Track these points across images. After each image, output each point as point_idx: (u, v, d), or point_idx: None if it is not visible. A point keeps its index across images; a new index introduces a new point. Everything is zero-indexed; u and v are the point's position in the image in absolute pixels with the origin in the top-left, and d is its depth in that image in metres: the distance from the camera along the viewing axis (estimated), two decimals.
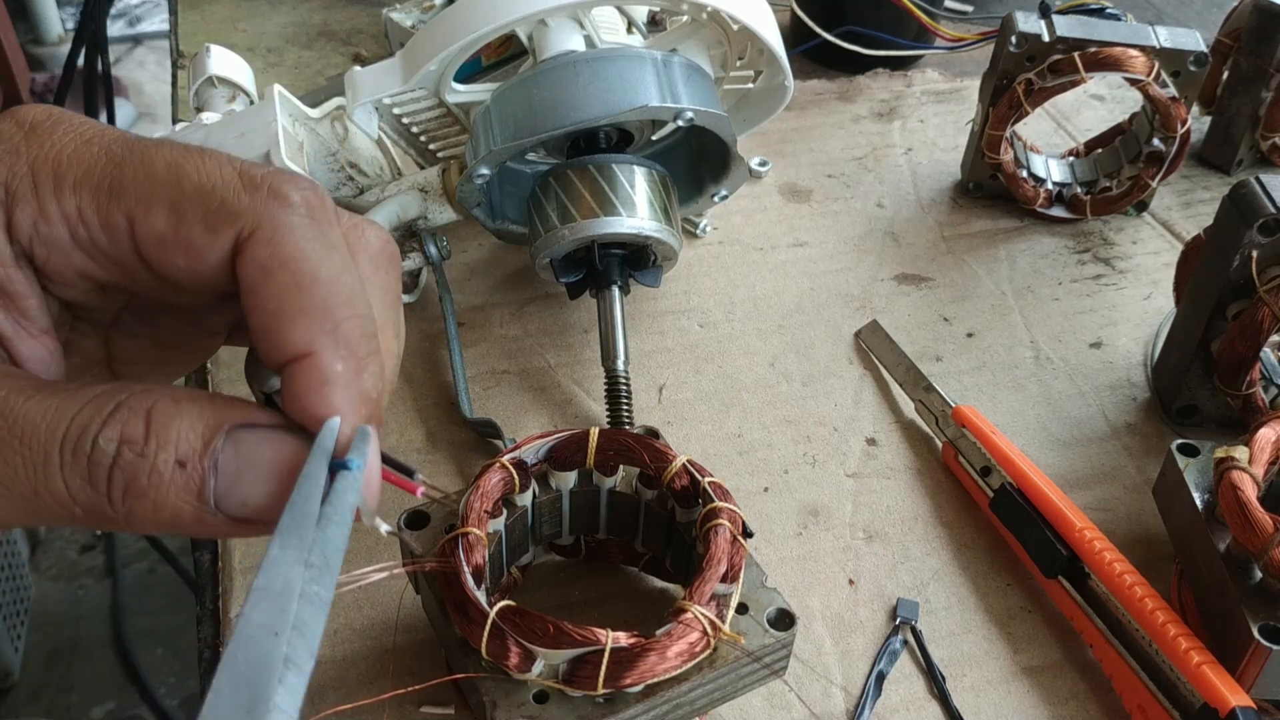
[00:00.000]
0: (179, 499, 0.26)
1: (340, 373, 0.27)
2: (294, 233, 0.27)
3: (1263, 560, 0.41)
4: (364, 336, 0.27)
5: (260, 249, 0.27)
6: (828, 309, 0.62)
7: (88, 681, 1.39)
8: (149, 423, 0.26)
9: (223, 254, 0.27)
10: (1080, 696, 0.45)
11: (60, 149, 0.28)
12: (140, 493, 0.25)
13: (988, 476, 0.50)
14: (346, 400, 0.27)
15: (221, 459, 0.26)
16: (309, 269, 0.27)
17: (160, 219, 0.27)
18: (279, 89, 0.53)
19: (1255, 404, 0.53)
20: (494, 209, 0.58)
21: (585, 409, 0.55)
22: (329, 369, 0.26)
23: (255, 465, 0.26)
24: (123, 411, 0.26)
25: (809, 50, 0.80)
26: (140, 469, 0.25)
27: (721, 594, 0.38)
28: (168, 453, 0.25)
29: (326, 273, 0.27)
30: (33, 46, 2.34)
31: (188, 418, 0.26)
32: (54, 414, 0.25)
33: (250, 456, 0.26)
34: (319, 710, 0.42)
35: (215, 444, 0.26)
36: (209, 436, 0.26)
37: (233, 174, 0.28)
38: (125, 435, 0.25)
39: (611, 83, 0.51)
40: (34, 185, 0.27)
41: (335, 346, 0.27)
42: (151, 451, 0.25)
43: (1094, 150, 0.70)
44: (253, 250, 0.27)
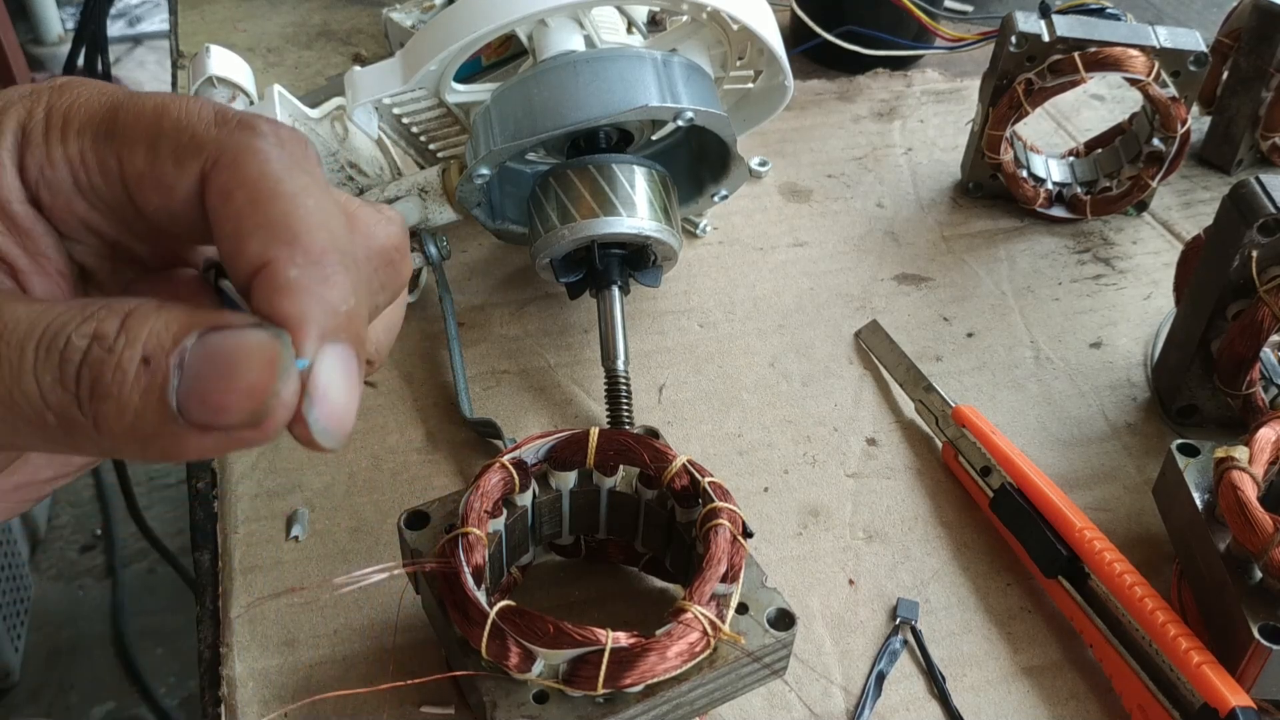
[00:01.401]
0: (141, 400, 0.25)
1: (297, 278, 0.25)
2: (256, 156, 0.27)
3: (1263, 560, 0.41)
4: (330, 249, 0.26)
5: (221, 174, 0.27)
6: (828, 309, 0.62)
7: (88, 681, 1.39)
8: (124, 321, 0.25)
9: (190, 187, 0.27)
10: (1080, 696, 0.45)
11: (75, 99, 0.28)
12: (104, 392, 0.25)
13: (988, 476, 0.50)
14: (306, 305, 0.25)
15: (189, 358, 0.25)
16: (268, 186, 0.26)
17: (140, 156, 0.27)
18: (279, 89, 0.53)
19: (1255, 404, 0.53)
20: (494, 209, 0.58)
21: (585, 409, 0.55)
22: (284, 274, 0.25)
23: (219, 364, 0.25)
24: (102, 311, 0.25)
25: (809, 50, 0.80)
26: (106, 364, 0.24)
27: (721, 594, 0.38)
28: (135, 349, 0.25)
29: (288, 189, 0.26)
30: (33, 46, 2.34)
31: (164, 318, 0.25)
32: (37, 314, 0.25)
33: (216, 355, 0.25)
34: (319, 711, 0.42)
35: (185, 343, 0.25)
36: (179, 335, 0.25)
37: (209, 112, 0.28)
38: (99, 331, 0.25)
39: (611, 83, 0.51)
40: (45, 130, 0.28)
41: (292, 255, 0.26)
42: (119, 347, 0.25)
43: (1094, 150, 0.70)
44: (215, 177, 0.27)
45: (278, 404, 0.25)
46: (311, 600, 0.46)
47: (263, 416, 0.25)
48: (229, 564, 0.47)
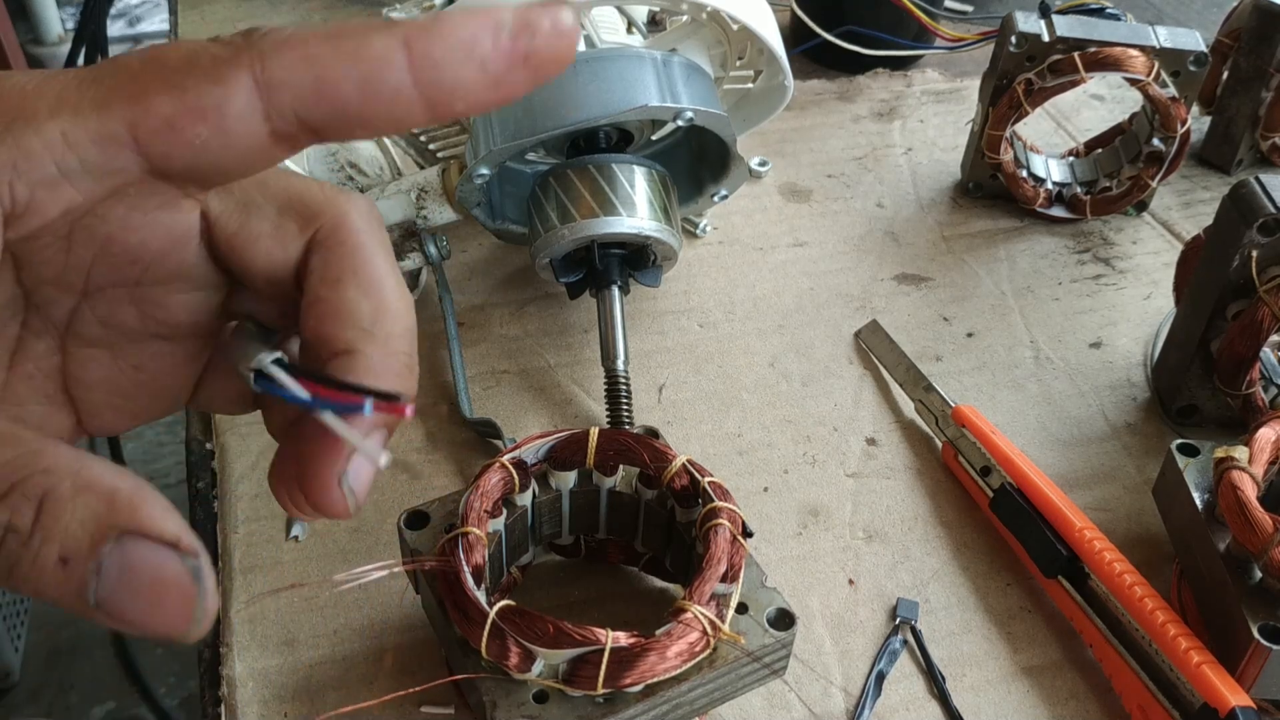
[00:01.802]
0: (58, 593, 0.25)
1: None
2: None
3: (1263, 560, 0.41)
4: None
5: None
6: (828, 309, 0.62)
7: (88, 681, 1.39)
8: (39, 513, 0.25)
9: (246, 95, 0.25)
10: (1080, 696, 0.45)
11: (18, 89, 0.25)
12: (22, 578, 0.25)
13: (988, 476, 0.50)
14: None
15: (106, 564, 0.25)
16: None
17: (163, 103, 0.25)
18: None
19: (1255, 404, 0.53)
20: (494, 209, 0.58)
21: (585, 409, 0.55)
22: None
23: (134, 583, 0.25)
24: (15, 496, 0.25)
25: (809, 50, 0.80)
26: (22, 558, 0.24)
27: (721, 594, 0.38)
28: (51, 546, 0.24)
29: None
30: (33, 46, 2.34)
31: (80, 513, 0.25)
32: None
33: (133, 571, 0.25)
34: (319, 711, 0.42)
35: (103, 548, 0.25)
36: (98, 539, 0.25)
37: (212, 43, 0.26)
38: (12, 524, 0.24)
39: (611, 83, 0.51)
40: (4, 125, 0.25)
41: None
42: (35, 545, 0.24)
43: (1094, 150, 0.70)
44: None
45: (196, 628, 0.25)
46: (311, 600, 0.46)
47: (182, 638, 0.26)
48: (229, 564, 0.47)
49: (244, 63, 0.25)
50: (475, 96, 0.25)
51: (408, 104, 0.25)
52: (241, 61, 0.25)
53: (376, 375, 0.28)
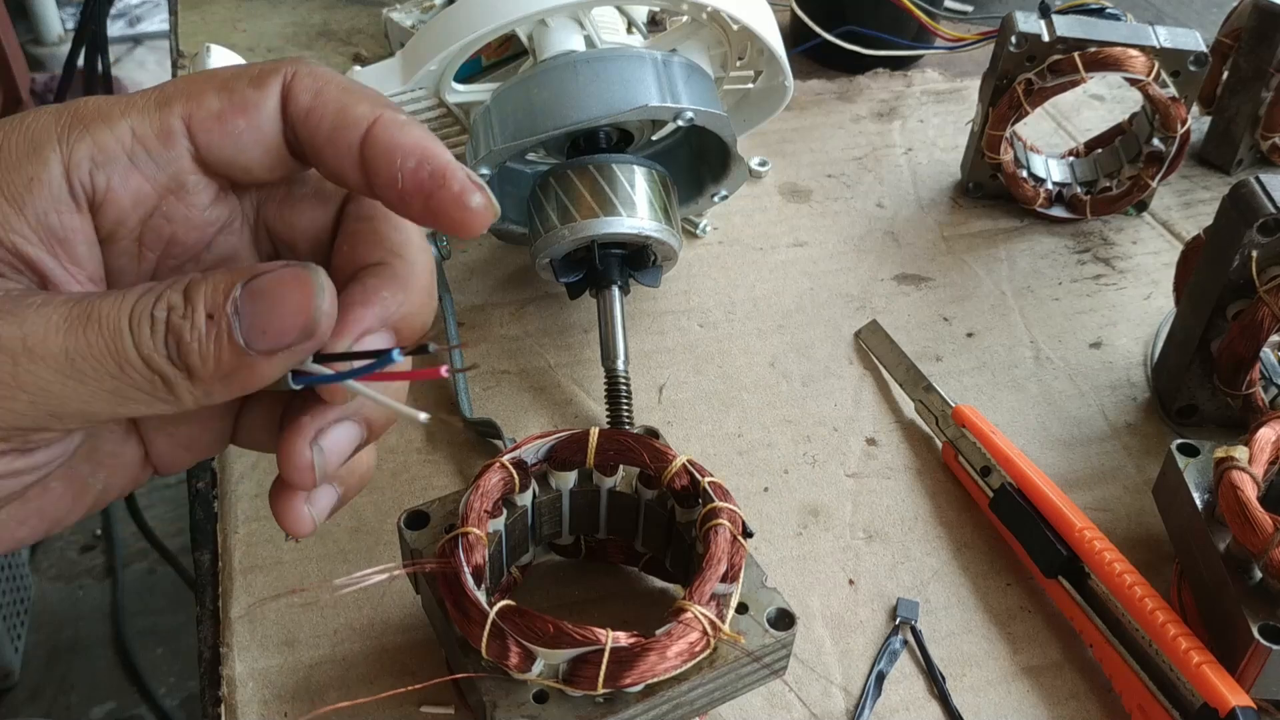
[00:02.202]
0: (216, 344, 0.30)
1: (407, 119, 0.32)
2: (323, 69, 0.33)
3: (1263, 560, 0.41)
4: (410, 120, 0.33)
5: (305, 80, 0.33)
6: (828, 309, 0.62)
7: (88, 681, 1.39)
8: (186, 292, 0.30)
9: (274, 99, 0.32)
10: (1080, 696, 0.45)
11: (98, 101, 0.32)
12: (187, 347, 0.30)
13: (988, 476, 0.50)
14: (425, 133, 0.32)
15: (241, 303, 0.30)
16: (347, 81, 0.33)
17: (213, 99, 0.32)
18: None
19: (1255, 404, 0.53)
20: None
21: (585, 409, 0.55)
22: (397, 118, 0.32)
23: (266, 296, 0.30)
24: (167, 291, 0.30)
25: (809, 50, 0.80)
26: (183, 327, 0.30)
27: (721, 594, 0.38)
28: (199, 312, 0.30)
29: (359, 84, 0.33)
30: (33, 46, 2.34)
31: (210, 282, 0.31)
32: (121, 300, 0.30)
33: (261, 291, 0.31)
34: (319, 710, 0.42)
35: (233, 294, 0.30)
36: (227, 289, 0.30)
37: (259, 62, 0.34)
38: (170, 303, 0.30)
39: (611, 83, 0.51)
40: (85, 126, 0.32)
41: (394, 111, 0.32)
42: (189, 312, 0.30)
43: (1094, 150, 0.70)
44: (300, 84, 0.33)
45: (321, 315, 0.31)
46: (311, 600, 0.46)
47: (314, 328, 0.31)
48: (229, 564, 0.47)
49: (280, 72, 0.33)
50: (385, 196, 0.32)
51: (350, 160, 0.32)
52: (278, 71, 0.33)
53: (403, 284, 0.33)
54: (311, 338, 0.31)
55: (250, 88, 0.32)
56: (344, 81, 0.33)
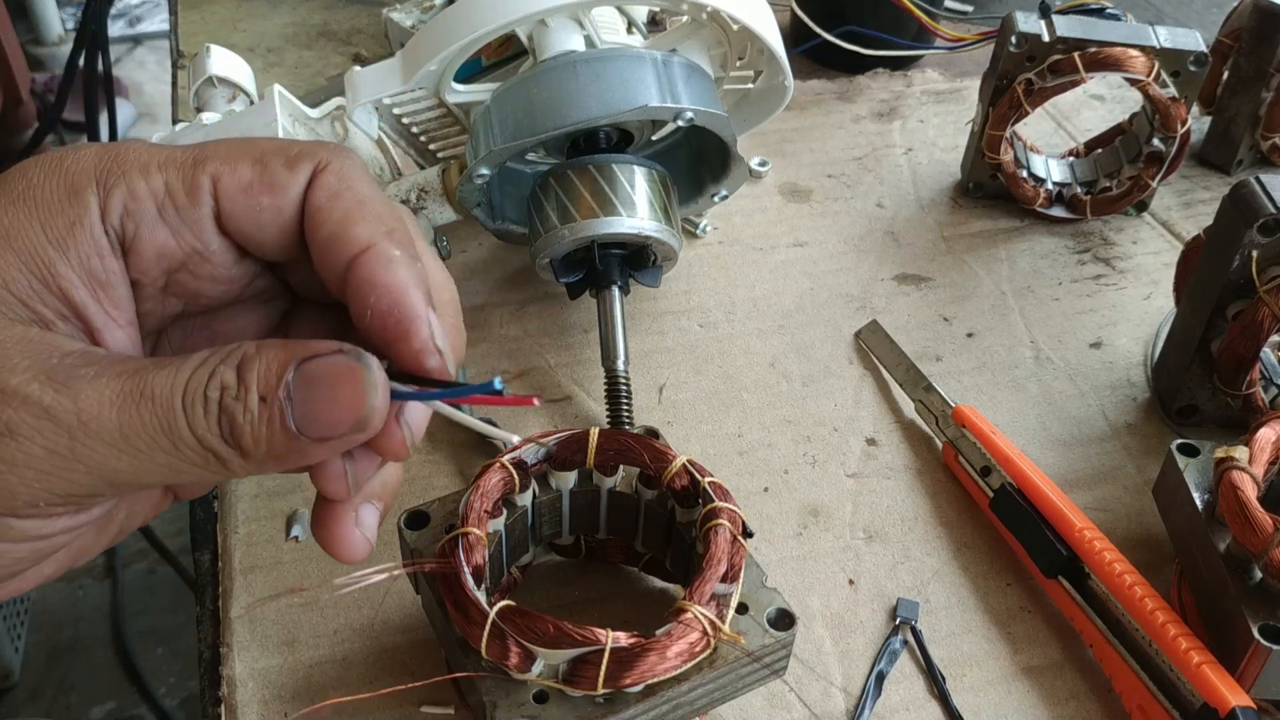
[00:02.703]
0: (269, 429, 0.31)
1: (400, 256, 0.32)
2: (355, 169, 0.34)
3: (1263, 560, 0.41)
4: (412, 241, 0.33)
5: (330, 177, 0.33)
6: (828, 309, 0.62)
7: (88, 681, 1.39)
8: (239, 371, 0.31)
9: (301, 185, 0.33)
10: (1080, 696, 0.45)
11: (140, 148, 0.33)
12: (240, 430, 0.30)
13: (988, 476, 0.50)
14: (410, 276, 0.32)
15: (294, 389, 0.31)
16: (366, 189, 0.33)
17: (246, 169, 0.33)
18: (279, 89, 0.53)
19: (1255, 404, 0.53)
20: (494, 209, 0.58)
21: (585, 409, 0.55)
22: (389, 253, 0.32)
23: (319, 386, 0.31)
24: (222, 366, 0.31)
25: (809, 50, 0.80)
26: (236, 409, 0.30)
27: (721, 594, 0.38)
28: (253, 392, 0.30)
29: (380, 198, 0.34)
30: (33, 46, 2.34)
31: (264, 360, 0.31)
32: (175, 377, 0.30)
33: (314, 380, 0.31)
34: (319, 710, 0.42)
35: (286, 377, 0.31)
36: (280, 372, 0.31)
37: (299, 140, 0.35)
38: (224, 383, 0.30)
39: (611, 83, 0.51)
40: (123, 173, 0.32)
41: (392, 241, 0.32)
42: (242, 395, 0.30)
43: (1094, 150, 0.70)
44: (324, 179, 0.33)
45: (373, 412, 0.31)
46: (311, 600, 0.46)
47: (366, 424, 0.31)
48: (229, 564, 0.47)
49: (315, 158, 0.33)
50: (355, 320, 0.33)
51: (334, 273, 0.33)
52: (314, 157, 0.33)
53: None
54: (363, 431, 0.31)
55: (284, 168, 0.33)
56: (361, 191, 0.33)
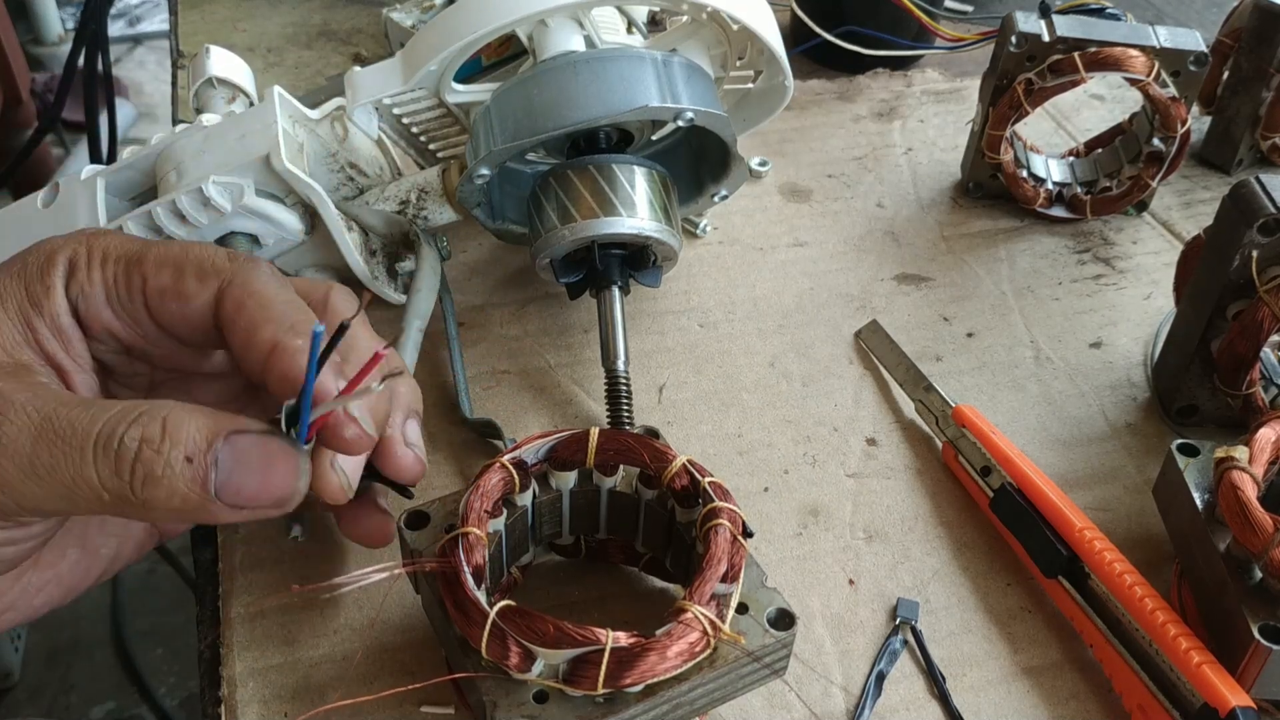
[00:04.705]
0: (187, 487, 0.33)
1: (301, 347, 0.36)
2: (259, 278, 0.38)
3: (1263, 560, 0.41)
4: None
5: (235, 290, 0.38)
6: (828, 309, 0.62)
7: (88, 681, 1.39)
8: (165, 426, 0.33)
9: (208, 299, 0.38)
10: (1080, 696, 0.45)
11: (109, 240, 0.39)
12: (155, 482, 0.33)
13: (988, 476, 0.50)
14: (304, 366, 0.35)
15: (221, 456, 0.33)
16: (270, 295, 0.38)
17: (166, 275, 0.38)
18: (279, 90, 0.53)
19: (1255, 404, 0.53)
20: (494, 209, 0.58)
21: (585, 409, 0.55)
22: (293, 346, 0.36)
23: (247, 462, 0.34)
24: (144, 417, 0.33)
25: (809, 50, 0.80)
26: (157, 462, 0.33)
27: (721, 594, 0.38)
28: (179, 450, 0.33)
29: (282, 299, 0.38)
30: (33, 46, 2.34)
31: (195, 422, 0.33)
32: (89, 418, 0.33)
33: (244, 455, 0.34)
34: (319, 709, 0.42)
35: (216, 444, 0.33)
36: (211, 438, 0.33)
37: (222, 252, 0.39)
38: (145, 435, 0.33)
39: (611, 83, 0.51)
40: (88, 260, 0.38)
41: (294, 336, 0.36)
42: (166, 449, 0.33)
43: (1094, 150, 0.70)
44: (230, 292, 0.38)
45: (297, 494, 0.35)
46: (311, 600, 0.46)
47: (286, 502, 0.35)
48: (229, 564, 0.47)
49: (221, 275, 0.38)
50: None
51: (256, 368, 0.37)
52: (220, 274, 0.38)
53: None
54: (281, 508, 0.35)
55: (195, 279, 0.38)
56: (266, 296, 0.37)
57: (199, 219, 0.51)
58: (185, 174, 0.52)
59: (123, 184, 0.54)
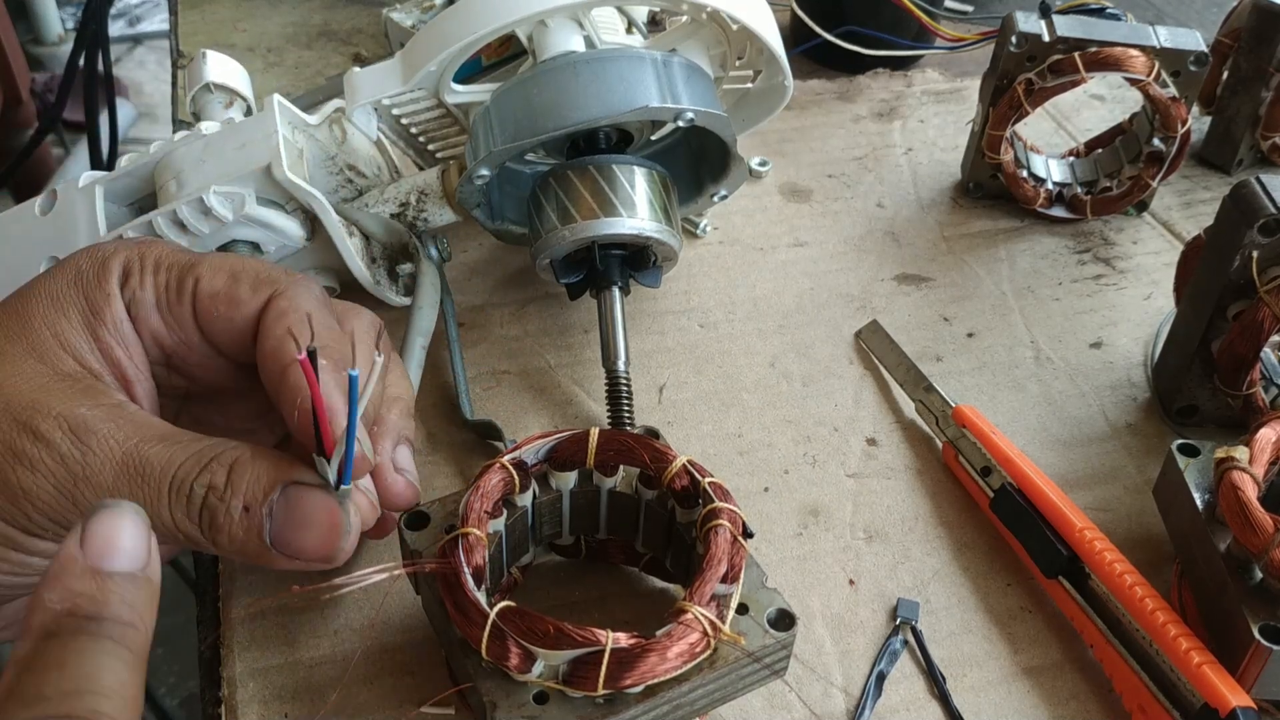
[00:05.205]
0: (245, 535, 0.35)
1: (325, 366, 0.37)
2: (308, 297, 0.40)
3: (1263, 560, 0.41)
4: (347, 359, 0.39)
5: (282, 301, 0.39)
6: (828, 309, 0.62)
7: None
8: (229, 475, 0.35)
9: (258, 306, 0.39)
10: (1080, 696, 0.45)
11: (161, 249, 0.41)
12: (219, 528, 0.35)
13: (988, 476, 0.50)
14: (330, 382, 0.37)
15: (276, 508, 0.35)
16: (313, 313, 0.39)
17: (220, 279, 0.40)
18: (278, 98, 0.53)
19: (1255, 404, 0.53)
20: (494, 209, 0.58)
21: (585, 409, 0.55)
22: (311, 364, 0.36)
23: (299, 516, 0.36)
24: (213, 465, 0.35)
25: (809, 50, 0.80)
26: (219, 510, 0.35)
27: (722, 594, 0.38)
28: (238, 499, 0.35)
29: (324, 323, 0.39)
30: (33, 46, 2.34)
31: (255, 471, 0.35)
32: (167, 461, 0.35)
33: (297, 509, 0.36)
34: (319, 709, 0.42)
35: (273, 495, 0.35)
36: (268, 489, 0.35)
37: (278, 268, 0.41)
38: (212, 483, 0.35)
39: (611, 83, 0.51)
40: (141, 266, 0.40)
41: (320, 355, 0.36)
42: (227, 498, 0.35)
43: (1094, 150, 0.70)
44: (277, 303, 0.39)
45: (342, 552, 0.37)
46: (312, 601, 0.46)
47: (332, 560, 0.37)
48: (229, 564, 0.47)
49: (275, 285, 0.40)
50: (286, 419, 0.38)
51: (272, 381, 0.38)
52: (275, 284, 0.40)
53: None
54: (328, 564, 0.37)
55: (249, 288, 0.39)
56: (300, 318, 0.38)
57: (200, 228, 0.51)
58: (185, 183, 0.51)
59: (121, 191, 0.54)
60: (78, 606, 0.27)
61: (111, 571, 0.28)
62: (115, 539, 0.28)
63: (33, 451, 0.34)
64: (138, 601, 0.28)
